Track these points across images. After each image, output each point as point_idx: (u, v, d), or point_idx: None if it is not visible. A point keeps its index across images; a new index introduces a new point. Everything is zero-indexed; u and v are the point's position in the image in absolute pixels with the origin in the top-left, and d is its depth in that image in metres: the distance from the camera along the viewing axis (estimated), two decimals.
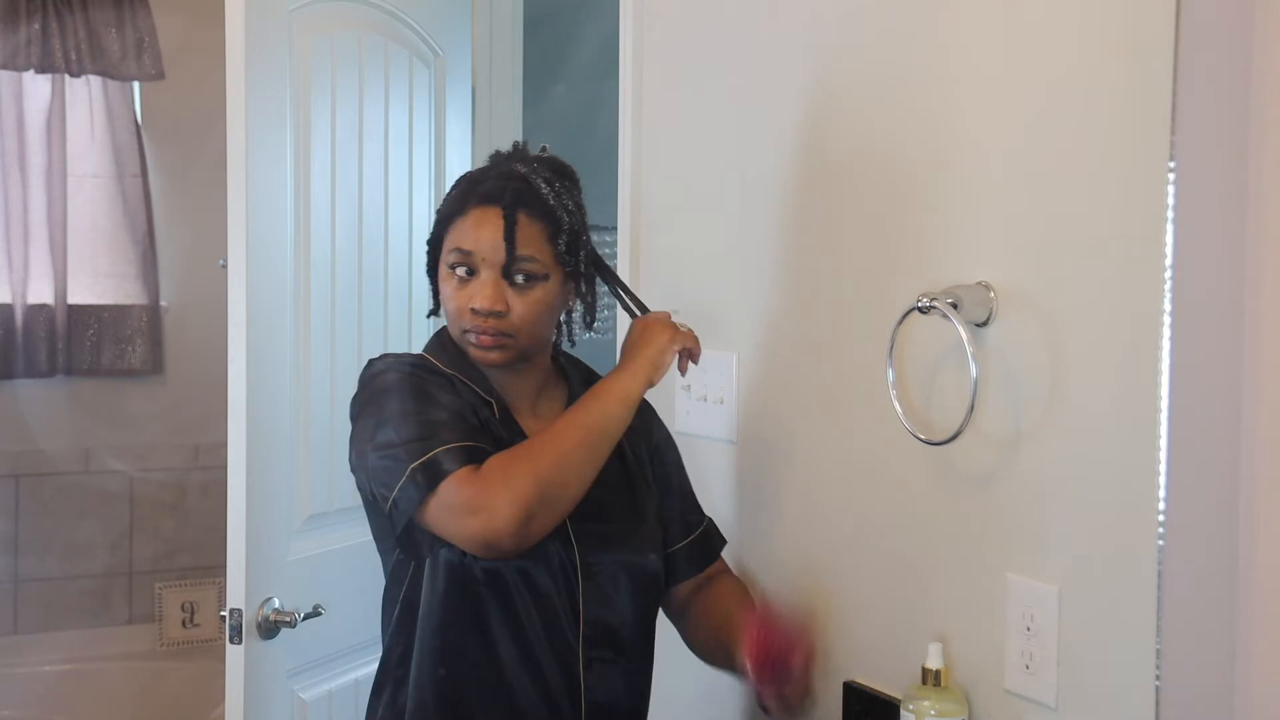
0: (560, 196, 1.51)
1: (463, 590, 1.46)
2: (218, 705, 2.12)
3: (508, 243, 1.46)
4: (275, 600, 2.02)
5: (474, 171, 1.57)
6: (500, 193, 1.48)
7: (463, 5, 2.72)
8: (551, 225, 1.49)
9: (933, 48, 1.43)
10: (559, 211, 1.50)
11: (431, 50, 2.55)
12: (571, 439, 1.42)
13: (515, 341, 1.49)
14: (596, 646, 1.50)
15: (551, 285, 1.50)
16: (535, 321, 1.50)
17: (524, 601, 1.45)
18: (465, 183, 1.54)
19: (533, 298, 1.48)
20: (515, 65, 2.99)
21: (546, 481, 1.37)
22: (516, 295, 1.48)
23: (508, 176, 1.51)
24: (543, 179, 1.51)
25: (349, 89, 2.28)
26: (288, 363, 2.10)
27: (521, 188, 1.49)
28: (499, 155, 1.58)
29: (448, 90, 2.61)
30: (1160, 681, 1.12)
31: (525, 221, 1.47)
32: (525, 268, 1.47)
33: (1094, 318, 1.26)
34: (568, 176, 1.56)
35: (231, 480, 1.97)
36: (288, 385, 2.09)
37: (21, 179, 3.56)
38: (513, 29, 2.99)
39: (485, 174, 1.54)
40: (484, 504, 1.35)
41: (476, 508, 1.36)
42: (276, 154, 2.07)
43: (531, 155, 1.57)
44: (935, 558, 1.44)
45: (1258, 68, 1.00)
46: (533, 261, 1.47)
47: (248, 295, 1.97)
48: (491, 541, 1.36)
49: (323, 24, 2.20)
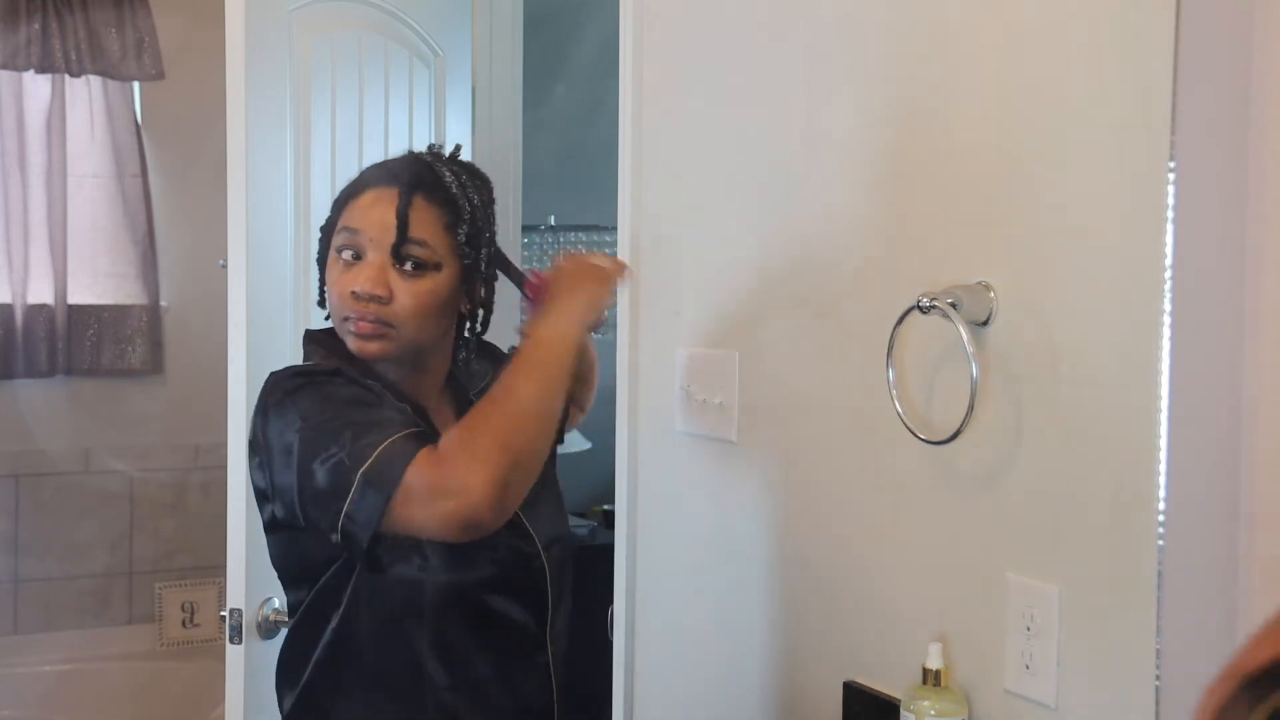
0: (465, 189, 1.42)
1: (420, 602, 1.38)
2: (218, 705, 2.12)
3: (399, 221, 1.36)
4: (275, 600, 2.02)
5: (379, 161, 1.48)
6: (399, 173, 1.40)
7: (463, 5, 2.72)
8: (451, 213, 1.40)
9: (933, 47, 1.43)
10: (460, 200, 1.40)
11: (431, 50, 2.55)
12: (527, 394, 1.32)
13: (397, 334, 1.38)
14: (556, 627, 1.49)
15: (443, 278, 1.40)
16: (421, 314, 1.38)
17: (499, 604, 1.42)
18: (366, 168, 1.46)
19: (420, 287, 1.38)
20: (515, 65, 2.99)
21: (512, 445, 1.28)
22: (403, 282, 1.37)
23: (411, 161, 1.43)
24: (449, 170, 1.43)
25: (349, 89, 2.28)
26: (287, 363, 2.09)
27: (423, 170, 1.41)
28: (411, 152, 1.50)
29: (448, 90, 2.61)
30: (1160, 681, 1.12)
31: (422, 204, 1.38)
32: (415, 252, 1.37)
33: (1094, 318, 1.26)
34: (479, 178, 1.48)
35: (231, 480, 1.97)
36: None
37: (21, 179, 3.57)
38: (513, 29, 2.99)
39: (388, 160, 1.46)
40: (454, 484, 1.26)
41: (446, 490, 1.26)
42: (276, 154, 2.08)
43: (446, 155, 1.49)
44: (935, 558, 1.44)
45: (1258, 68, 1.00)
46: (424, 247, 1.37)
47: (248, 295, 1.97)
48: (471, 520, 1.27)
49: (323, 24, 2.21)
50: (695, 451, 1.77)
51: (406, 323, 1.38)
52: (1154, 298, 1.12)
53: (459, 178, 1.43)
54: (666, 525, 1.88)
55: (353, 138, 2.29)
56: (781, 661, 1.68)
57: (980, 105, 1.38)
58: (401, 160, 1.44)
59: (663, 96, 1.91)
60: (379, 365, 1.43)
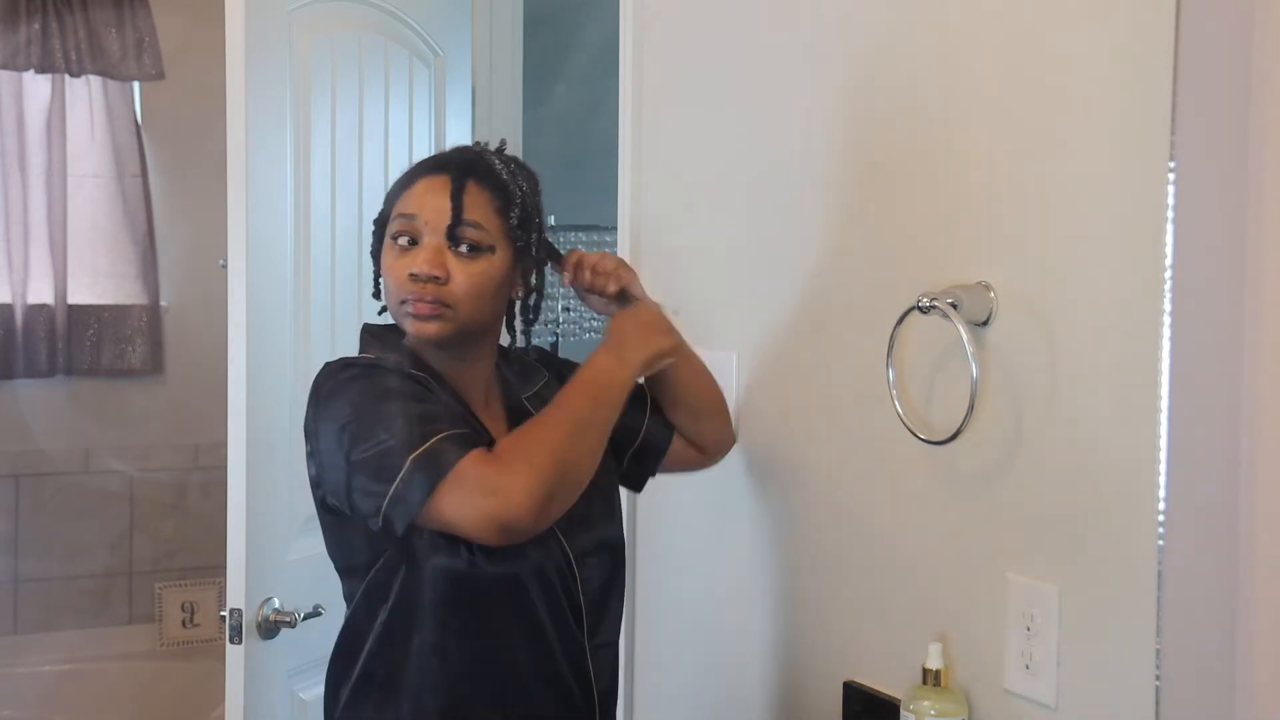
0: (514, 176, 1.45)
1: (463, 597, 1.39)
2: (218, 705, 2.12)
3: (454, 204, 1.39)
4: (275, 600, 2.02)
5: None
6: (450, 162, 1.44)
7: (463, 5, 2.72)
8: (502, 197, 1.42)
9: (933, 47, 1.43)
10: (511, 185, 1.43)
11: (431, 50, 2.55)
12: (580, 414, 1.37)
13: (454, 314, 1.40)
14: (596, 634, 1.48)
15: (498, 260, 1.42)
16: (477, 294, 1.41)
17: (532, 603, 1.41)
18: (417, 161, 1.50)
19: (476, 268, 1.40)
20: (515, 65, 2.99)
21: (564, 460, 1.32)
22: (459, 263, 1.40)
23: (461, 151, 1.47)
24: (498, 159, 1.47)
25: (349, 89, 2.28)
26: (288, 363, 2.10)
27: (474, 158, 1.45)
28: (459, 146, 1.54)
29: (448, 90, 2.61)
30: (1160, 681, 1.12)
31: (474, 189, 1.41)
32: (469, 235, 1.40)
33: (1094, 318, 1.26)
34: (526, 170, 1.51)
35: (231, 480, 1.97)
36: (288, 385, 2.09)
37: (21, 179, 3.56)
38: (513, 29, 2.99)
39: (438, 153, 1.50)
40: (503, 484, 1.28)
41: (495, 488, 1.28)
42: (276, 154, 2.08)
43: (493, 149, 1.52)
44: (935, 558, 1.44)
45: (1258, 68, 1.00)
46: (478, 229, 1.40)
47: (248, 295, 1.97)
48: (509, 523, 1.29)
49: (323, 24, 2.20)
50: None
51: (463, 303, 1.41)
52: (1154, 298, 1.12)
53: (508, 165, 1.46)
54: (666, 525, 1.88)
55: (353, 138, 2.29)
56: (781, 661, 1.68)
57: (980, 105, 1.38)
58: (451, 151, 1.48)
59: (663, 96, 1.91)
60: (429, 353, 1.46)
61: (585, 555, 1.47)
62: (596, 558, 1.49)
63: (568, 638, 1.45)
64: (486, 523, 1.30)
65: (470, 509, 1.29)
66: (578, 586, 1.46)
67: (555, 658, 1.43)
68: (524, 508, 1.28)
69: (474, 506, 1.29)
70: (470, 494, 1.29)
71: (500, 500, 1.28)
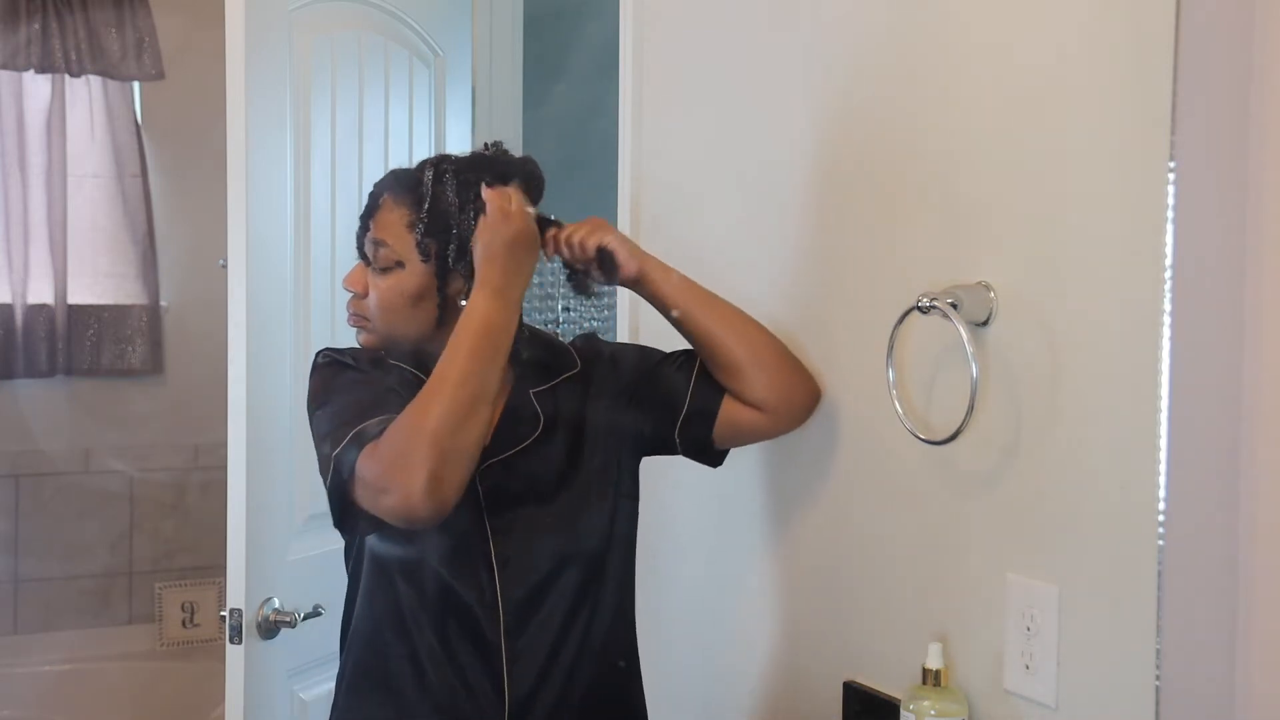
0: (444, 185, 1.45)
1: (380, 576, 1.47)
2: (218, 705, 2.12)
3: (360, 224, 1.49)
4: (275, 600, 2.02)
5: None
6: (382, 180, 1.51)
7: (463, 5, 2.72)
8: (414, 212, 1.45)
9: (933, 47, 1.43)
10: (427, 200, 1.44)
11: (431, 50, 2.55)
12: (457, 373, 1.33)
13: (373, 327, 1.49)
14: (517, 638, 1.45)
15: (407, 275, 1.45)
16: (387, 308, 1.47)
17: (434, 592, 1.45)
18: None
19: (385, 284, 1.47)
20: (515, 65, 2.99)
21: (442, 437, 1.30)
22: (373, 279, 1.48)
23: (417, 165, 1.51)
24: (446, 167, 1.46)
25: (349, 89, 2.28)
26: (288, 363, 2.10)
27: (406, 174, 1.49)
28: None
29: (448, 90, 2.61)
30: (1160, 681, 1.12)
31: (389, 205, 1.47)
32: (377, 252, 1.47)
33: (1094, 318, 1.26)
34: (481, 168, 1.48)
35: (231, 480, 1.97)
36: (288, 385, 2.09)
37: (21, 179, 3.56)
38: (513, 29, 2.99)
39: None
40: (389, 482, 1.31)
41: (383, 487, 1.31)
42: (276, 154, 2.08)
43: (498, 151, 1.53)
44: (935, 558, 1.44)
45: (1258, 68, 1.00)
46: (384, 247, 1.46)
47: (248, 295, 1.97)
48: (410, 516, 1.32)
49: (323, 24, 2.20)
50: None
51: (376, 316, 1.48)
52: (1154, 298, 1.12)
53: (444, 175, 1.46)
54: (666, 525, 1.88)
55: (353, 138, 2.29)
56: (781, 661, 1.68)
57: (981, 105, 1.38)
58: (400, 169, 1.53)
59: (663, 96, 1.91)
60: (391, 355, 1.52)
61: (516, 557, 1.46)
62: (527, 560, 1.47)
63: (474, 635, 1.45)
64: (392, 517, 1.35)
65: (373, 506, 1.35)
66: (495, 589, 1.45)
67: (459, 659, 1.45)
68: (416, 501, 1.30)
69: (375, 504, 1.35)
70: (368, 493, 1.34)
71: (392, 498, 1.32)
